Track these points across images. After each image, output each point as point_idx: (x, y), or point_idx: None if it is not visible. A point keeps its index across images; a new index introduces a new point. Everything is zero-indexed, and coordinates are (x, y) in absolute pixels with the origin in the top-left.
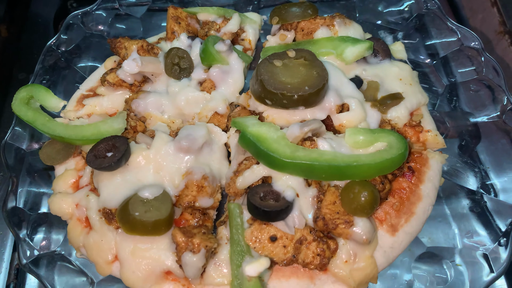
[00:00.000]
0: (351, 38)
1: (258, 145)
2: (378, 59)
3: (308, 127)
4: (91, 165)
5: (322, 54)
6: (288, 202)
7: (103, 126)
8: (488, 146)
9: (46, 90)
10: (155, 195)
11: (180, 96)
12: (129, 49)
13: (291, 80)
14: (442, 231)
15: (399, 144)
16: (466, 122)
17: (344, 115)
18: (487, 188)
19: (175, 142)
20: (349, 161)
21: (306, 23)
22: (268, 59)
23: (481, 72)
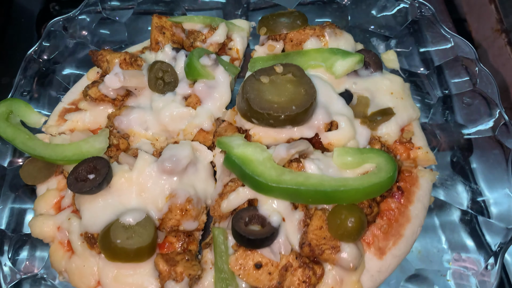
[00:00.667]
0: (341, 50)
1: (243, 168)
2: (369, 71)
3: (294, 149)
4: (72, 189)
5: (311, 67)
6: (274, 229)
7: (85, 145)
8: (480, 161)
9: (26, 105)
10: (137, 220)
11: (165, 112)
12: (111, 62)
13: (278, 99)
14: (431, 244)
15: (388, 166)
16: (459, 136)
17: (333, 134)
18: (479, 205)
19: (158, 163)
20: (336, 185)
21: (295, 33)
22: (255, 76)
23: (475, 84)
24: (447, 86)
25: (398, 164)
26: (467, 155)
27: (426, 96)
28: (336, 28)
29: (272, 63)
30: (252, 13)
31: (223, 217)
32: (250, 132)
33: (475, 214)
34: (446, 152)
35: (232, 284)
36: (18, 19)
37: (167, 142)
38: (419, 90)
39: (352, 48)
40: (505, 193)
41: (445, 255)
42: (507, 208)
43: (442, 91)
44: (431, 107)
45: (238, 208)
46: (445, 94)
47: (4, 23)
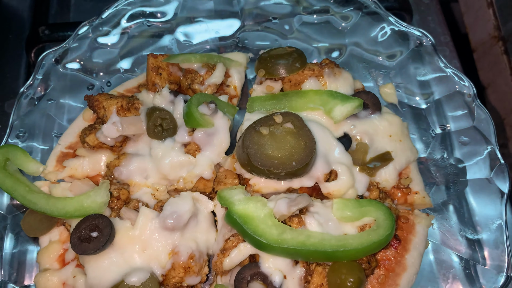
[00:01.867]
0: (340, 94)
1: (244, 227)
2: (368, 112)
3: (295, 207)
4: (76, 250)
5: (310, 109)
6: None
7: (86, 201)
8: (476, 201)
9: (23, 153)
10: (141, 280)
11: (164, 161)
12: (108, 109)
13: (278, 154)
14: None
15: (386, 222)
16: (456, 175)
17: (332, 184)
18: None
19: (159, 219)
20: (337, 245)
21: (294, 75)
22: (255, 127)
23: (473, 121)
24: (446, 121)
25: (395, 212)
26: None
27: (424, 133)
28: (335, 67)
29: (270, 103)
30: (248, 36)
31: (225, 273)
32: (250, 182)
33: (471, 260)
34: (442, 188)
35: None
36: (6, 36)
37: (167, 189)
38: (417, 125)
39: (351, 88)
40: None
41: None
42: (500, 254)
43: (440, 127)
44: (429, 143)
45: (241, 263)
46: (443, 131)
47: None
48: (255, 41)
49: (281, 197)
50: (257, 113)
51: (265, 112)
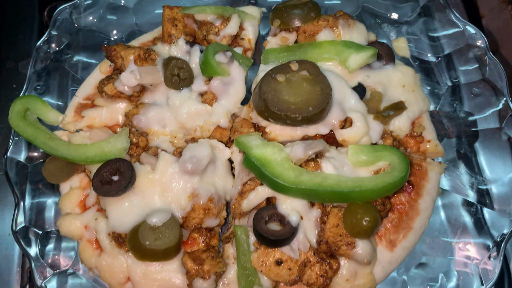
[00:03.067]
0: (354, 44)
1: (262, 169)
2: (381, 63)
3: (312, 150)
4: (98, 192)
5: (325, 60)
6: (293, 228)
7: (107, 146)
8: (486, 152)
9: (43, 103)
10: (163, 221)
11: (182, 110)
12: (125, 59)
13: (295, 99)
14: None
15: (401, 165)
16: (466, 126)
17: (347, 131)
18: (484, 196)
19: (179, 164)
20: (352, 186)
21: (309, 25)
22: (271, 74)
23: (485, 74)
24: (456, 75)
25: (409, 159)
26: (473, 141)
27: (436, 86)
28: (349, 19)
29: (285, 55)
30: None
31: (243, 215)
32: (267, 129)
33: (480, 205)
34: (453, 140)
35: (255, 280)
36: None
37: (185, 138)
38: (429, 78)
39: (365, 39)
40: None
41: (450, 244)
42: (510, 199)
43: (451, 80)
44: (440, 96)
45: (258, 206)
46: (454, 84)
47: (3, 4)
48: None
49: (297, 143)
50: (271, 65)
51: (279, 63)
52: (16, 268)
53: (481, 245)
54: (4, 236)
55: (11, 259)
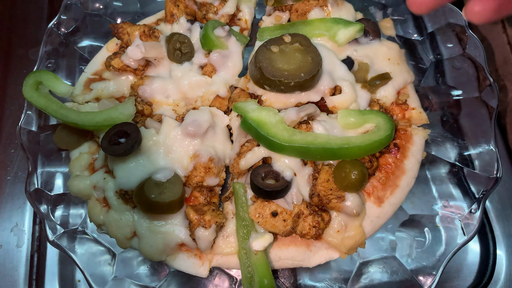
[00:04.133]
0: (343, 20)
1: (258, 130)
2: (368, 39)
3: (304, 112)
4: (107, 151)
5: (315, 36)
6: (287, 182)
7: (114, 112)
8: (467, 120)
9: (54, 76)
10: (167, 177)
11: (183, 81)
12: (131, 34)
13: (288, 67)
14: (423, 195)
15: (386, 125)
16: (449, 97)
17: (337, 97)
18: (465, 159)
19: (182, 127)
20: (341, 143)
21: (300, 4)
22: (266, 45)
23: (465, 49)
24: (439, 51)
25: (394, 123)
26: (456, 114)
27: (420, 61)
28: None
29: (279, 32)
30: None
31: (241, 174)
32: (262, 97)
33: (462, 166)
34: (437, 112)
35: (252, 230)
36: None
37: (186, 108)
38: (413, 55)
39: (352, 17)
40: (489, 148)
41: (435, 203)
42: (489, 160)
43: (434, 56)
44: (424, 71)
45: (254, 165)
46: (437, 59)
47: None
48: None
49: (290, 108)
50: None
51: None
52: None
53: (463, 202)
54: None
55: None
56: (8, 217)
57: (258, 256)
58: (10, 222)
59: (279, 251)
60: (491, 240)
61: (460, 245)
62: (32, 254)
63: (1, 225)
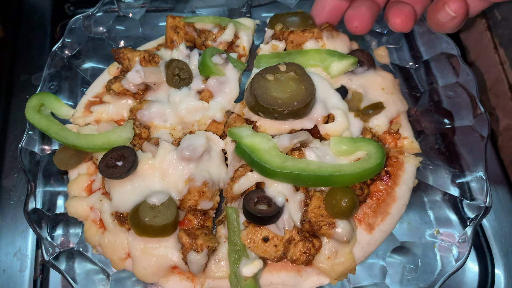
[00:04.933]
0: (337, 53)
1: (251, 155)
2: (363, 69)
3: (296, 139)
4: (103, 174)
5: (310, 66)
6: (279, 208)
7: (113, 135)
8: (459, 147)
9: (56, 98)
10: (161, 201)
11: (181, 106)
12: (132, 60)
13: (282, 95)
14: (418, 221)
15: (377, 154)
16: (441, 125)
17: (330, 125)
18: (457, 186)
19: (177, 151)
20: (332, 171)
21: (295, 36)
22: (261, 74)
23: (457, 78)
24: (434, 79)
25: (386, 151)
26: (448, 141)
27: (414, 89)
28: (333, 31)
29: (275, 60)
30: (255, 9)
31: (234, 198)
32: (257, 124)
33: (452, 194)
34: (429, 139)
35: (243, 255)
36: (31, 18)
37: (183, 132)
38: (408, 83)
39: (347, 47)
40: (479, 176)
41: (428, 230)
42: (479, 189)
43: (429, 83)
44: (418, 98)
45: (247, 190)
46: (432, 87)
47: (17, 21)
48: (261, 13)
49: (284, 134)
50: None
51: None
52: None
53: (453, 229)
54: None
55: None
56: (11, 242)
57: (247, 282)
58: (14, 247)
59: (270, 276)
60: (489, 259)
61: (450, 273)
62: (35, 279)
63: (5, 250)
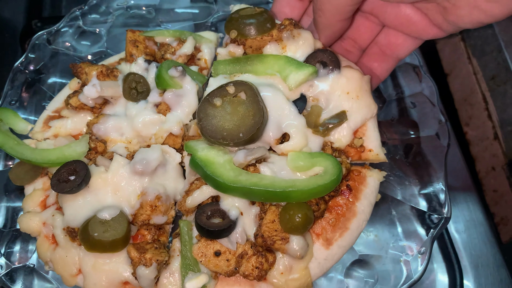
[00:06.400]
0: (295, 61)
1: (205, 169)
2: (327, 70)
3: (252, 156)
4: (55, 189)
5: (268, 74)
6: (231, 221)
7: (67, 150)
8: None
9: (14, 114)
10: (112, 215)
11: (138, 119)
12: (89, 74)
13: (228, 125)
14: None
15: (333, 170)
16: (404, 135)
17: (285, 145)
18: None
19: (130, 165)
20: (285, 186)
21: (254, 41)
22: (209, 99)
23: (420, 88)
24: (400, 89)
25: (347, 166)
26: (411, 152)
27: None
28: (294, 29)
29: (232, 67)
30: (221, 23)
31: (189, 211)
32: None
33: (413, 205)
34: (392, 149)
35: (194, 269)
36: (2, 35)
37: (139, 145)
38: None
39: (311, 48)
40: (440, 187)
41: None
42: (440, 200)
43: (396, 93)
44: (382, 108)
45: (203, 203)
46: (399, 96)
47: None
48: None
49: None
50: (220, 78)
51: (227, 76)
52: None
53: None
54: None
55: None
56: None
57: None
58: None
59: None
60: (457, 271)
61: (408, 284)
62: None
63: None
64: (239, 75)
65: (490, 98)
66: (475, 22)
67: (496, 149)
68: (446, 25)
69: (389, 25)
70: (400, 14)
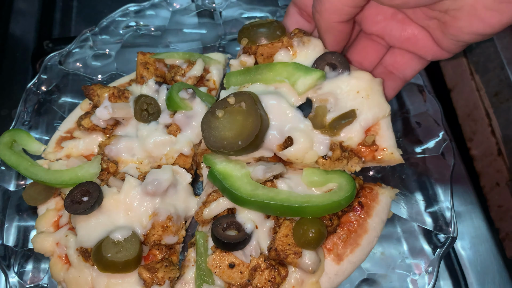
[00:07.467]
0: (303, 67)
1: (223, 182)
2: (336, 72)
3: (270, 173)
4: (68, 210)
5: (277, 82)
6: (247, 235)
7: (80, 171)
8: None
9: (27, 135)
10: (125, 236)
11: (149, 140)
12: (101, 96)
13: (228, 134)
14: (394, 248)
15: (347, 186)
16: (410, 154)
17: (288, 150)
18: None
19: (142, 186)
20: (301, 201)
21: (265, 48)
22: (211, 111)
23: (425, 108)
24: (405, 108)
25: (359, 182)
26: (417, 171)
27: None
28: (304, 36)
29: (242, 77)
30: (230, 43)
31: (205, 222)
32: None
33: (421, 226)
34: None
35: (208, 280)
36: (13, 54)
37: (150, 165)
38: None
39: (321, 53)
40: (446, 206)
41: (400, 260)
42: (447, 219)
43: (401, 112)
44: None
45: (219, 215)
46: (404, 116)
47: (0, 58)
48: (235, 47)
49: (259, 164)
50: (231, 89)
51: (238, 87)
52: None
53: (421, 261)
54: None
55: None
56: None
57: None
58: None
59: None
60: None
61: None
62: None
63: None
64: (249, 85)
65: (493, 114)
66: (475, 33)
67: (500, 165)
68: (447, 41)
69: (394, 45)
70: (404, 32)
